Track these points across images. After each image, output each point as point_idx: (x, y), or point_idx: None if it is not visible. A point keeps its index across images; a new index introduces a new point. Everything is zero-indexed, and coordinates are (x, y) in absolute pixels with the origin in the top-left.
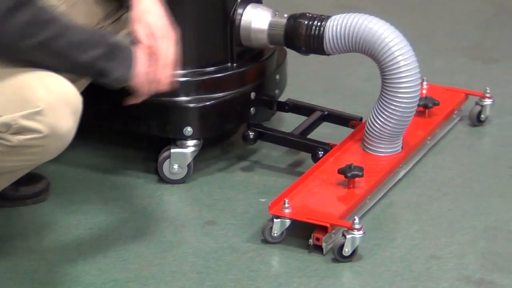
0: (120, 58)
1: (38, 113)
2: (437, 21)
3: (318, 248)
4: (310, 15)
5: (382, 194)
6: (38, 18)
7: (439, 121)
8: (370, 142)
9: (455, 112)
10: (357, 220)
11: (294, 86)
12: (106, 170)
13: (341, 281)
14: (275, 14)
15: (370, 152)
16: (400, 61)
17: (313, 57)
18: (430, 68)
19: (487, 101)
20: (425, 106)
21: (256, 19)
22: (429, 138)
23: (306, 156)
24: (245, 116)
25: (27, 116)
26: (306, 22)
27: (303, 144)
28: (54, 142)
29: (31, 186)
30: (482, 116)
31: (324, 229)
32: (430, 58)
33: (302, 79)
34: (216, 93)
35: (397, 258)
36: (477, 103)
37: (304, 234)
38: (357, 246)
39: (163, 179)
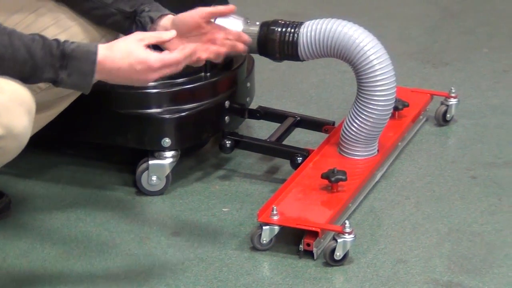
0: (72, 67)
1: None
2: (385, 26)
3: (308, 253)
4: (283, 22)
5: (362, 197)
6: None
7: (409, 123)
8: (347, 146)
9: (422, 113)
10: (347, 224)
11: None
12: (81, 184)
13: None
14: (247, 22)
15: (347, 156)
16: (375, 64)
17: (265, 63)
18: None
19: (452, 101)
20: (396, 108)
21: (228, 28)
22: (400, 140)
23: (281, 162)
24: (220, 125)
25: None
26: (279, 29)
27: (281, 151)
28: (10, 142)
29: None
30: (448, 115)
31: (314, 234)
32: None
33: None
34: (191, 103)
35: (364, 263)
36: (442, 103)
37: (289, 239)
38: (348, 250)
39: (141, 191)
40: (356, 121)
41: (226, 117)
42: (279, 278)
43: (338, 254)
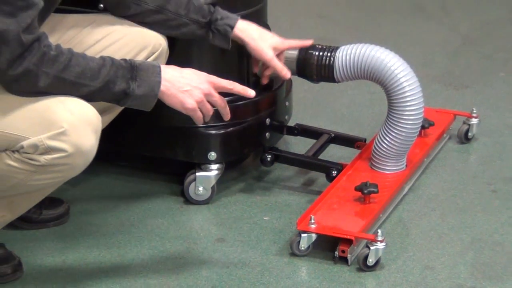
0: (141, 77)
1: (62, 133)
2: (410, 52)
3: (343, 259)
4: (320, 47)
5: (392, 208)
6: (45, 57)
7: (434, 140)
8: (378, 161)
9: (446, 131)
10: (379, 233)
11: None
12: (133, 193)
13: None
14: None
15: (378, 170)
16: (405, 86)
17: (301, 84)
18: None
19: (474, 121)
20: (422, 126)
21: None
22: (427, 156)
23: (316, 175)
24: (261, 140)
25: (53, 137)
26: (317, 53)
27: (318, 165)
28: (78, 159)
29: (52, 210)
30: (469, 134)
31: (349, 242)
32: None
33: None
34: (235, 120)
35: (394, 269)
36: (464, 123)
37: (325, 246)
38: (380, 257)
39: (189, 201)
40: (387, 138)
41: (267, 133)
42: (316, 282)
43: (371, 261)
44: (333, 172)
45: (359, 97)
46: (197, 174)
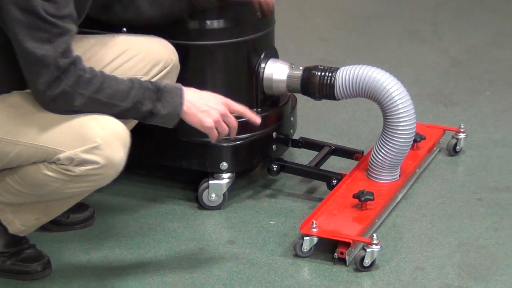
0: (165, 99)
1: (95, 147)
2: (403, 72)
3: (341, 260)
4: (322, 67)
5: (386, 215)
6: (80, 80)
7: (425, 153)
8: (374, 171)
9: (436, 145)
10: (375, 236)
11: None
12: (151, 199)
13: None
14: (292, 67)
15: (374, 179)
16: (399, 104)
17: (304, 102)
18: None
19: (462, 135)
20: (415, 140)
21: (276, 72)
22: (418, 167)
23: (318, 184)
24: (268, 152)
25: (87, 151)
26: (319, 73)
27: (319, 174)
28: (109, 170)
29: (79, 214)
30: (458, 147)
31: (347, 245)
32: None
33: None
34: (245, 134)
35: (388, 270)
36: (453, 137)
37: (326, 249)
38: (375, 258)
39: (202, 206)
40: (382, 150)
41: (274, 146)
42: (317, 281)
43: (367, 262)
44: (333, 181)
45: (358, 113)
46: (210, 182)
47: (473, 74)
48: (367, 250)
